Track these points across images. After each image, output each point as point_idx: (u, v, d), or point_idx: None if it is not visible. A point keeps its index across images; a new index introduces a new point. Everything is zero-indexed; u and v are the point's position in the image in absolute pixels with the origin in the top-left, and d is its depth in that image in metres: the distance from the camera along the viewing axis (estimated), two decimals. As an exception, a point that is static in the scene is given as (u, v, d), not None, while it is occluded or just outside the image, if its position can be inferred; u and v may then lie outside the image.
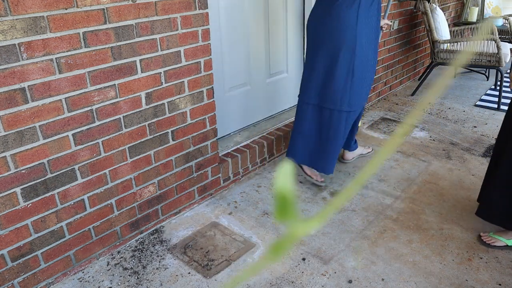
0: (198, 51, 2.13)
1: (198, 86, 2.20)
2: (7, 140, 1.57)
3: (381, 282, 1.85)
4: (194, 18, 2.06)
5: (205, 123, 2.31)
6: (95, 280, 1.90)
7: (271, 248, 0.26)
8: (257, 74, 2.90)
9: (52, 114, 1.67)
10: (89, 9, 1.67)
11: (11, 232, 1.67)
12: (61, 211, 1.81)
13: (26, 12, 1.50)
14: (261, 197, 2.49)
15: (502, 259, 1.96)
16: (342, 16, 2.15)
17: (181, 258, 2.01)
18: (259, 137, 2.83)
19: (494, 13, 4.98)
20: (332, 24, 2.19)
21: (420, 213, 2.30)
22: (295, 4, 3.03)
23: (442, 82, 0.28)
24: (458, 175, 2.67)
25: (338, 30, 2.18)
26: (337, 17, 2.17)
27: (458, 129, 3.33)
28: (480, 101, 3.90)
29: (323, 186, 2.58)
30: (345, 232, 2.17)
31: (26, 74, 1.56)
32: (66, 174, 1.79)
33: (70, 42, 1.65)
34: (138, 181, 2.07)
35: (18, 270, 1.73)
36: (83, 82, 1.74)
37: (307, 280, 1.87)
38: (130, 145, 1.98)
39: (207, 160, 2.39)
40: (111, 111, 1.87)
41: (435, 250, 2.03)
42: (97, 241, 1.99)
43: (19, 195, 1.66)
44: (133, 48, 1.86)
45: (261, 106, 3.01)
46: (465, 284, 1.83)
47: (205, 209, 2.39)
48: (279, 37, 2.98)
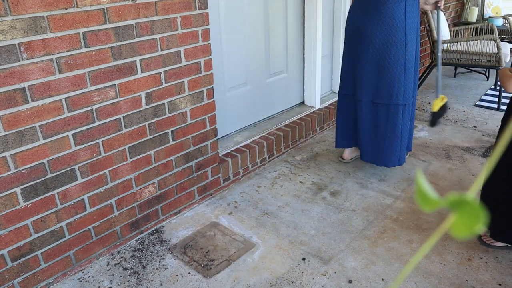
0: (198, 51, 2.13)
1: (198, 86, 2.20)
2: (7, 140, 1.57)
3: (381, 282, 1.85)
4: (194, 18, 2.06)
5: (205, 123, 2.31)
6: (95, 280, 1.90)
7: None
8: (257, 74, 2.90)
9: (52, 114, 1.67)
10: (89, 9, 1.67)
11: (11, 232, 1.67)
12: (61, 211, 1.81)
13: (26, 12, 1.50)
14: (261, 197, 2.49)
15: (502, 259, 1.96)
16: (391, 12, 2.21)
17: (181, 258, 2.01)
18: (259, 137, 2.83)
19: (494, 13, 4.97)
20: (381, 21, 2.24)
21: (420, 213, 2.30)
22: (295, 4, 3.03)
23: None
24: (458, 175, 2.67)
25: (388, 26, 2.24)
26: (386, 13, 2.22)
27: (458, 129, 3.33)
28: (480, 101, 3.90)
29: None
30: (345, 232, 2.17)
31: (26, 74, 1.56)
32: (66, 174, 1.79)
33: (70, 42, 1.65)
34: (138, 181, 2.07)
35: (18, 270, 1.73)
36: (83, 82, 1.74)
37: (307, 280, 1.87)
38: (130, 145, 1.98)
39: (207, 160, 2.39)
40: (111, 111, 1.87)
41: (435, 250, 2.03)
42: (97, 241, 1.99)
43: (19, 195, 1.66)
44: (133, 48, 1.86)
45: (261, 106, 3.01)
46: (465, 284, 1.83)
47: (205, 209, 2.39)
48: (279, 37, 2.98)
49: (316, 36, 3.11)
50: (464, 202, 0.30)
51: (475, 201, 0.29)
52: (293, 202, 2.43)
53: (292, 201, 2.44)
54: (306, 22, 3.11)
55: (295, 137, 3.02)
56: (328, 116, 3.30)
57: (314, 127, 3.18)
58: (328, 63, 3.53)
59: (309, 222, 2.25)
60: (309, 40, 3.14)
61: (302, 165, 2.84)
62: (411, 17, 2.27)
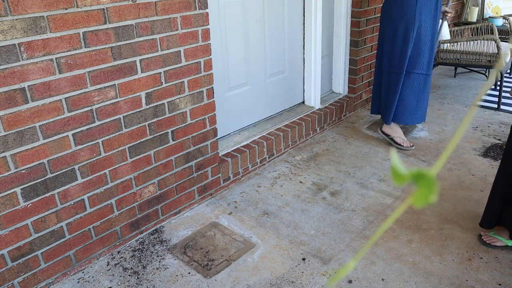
0: (198, 51, 2.13)
1: (198, 86, 2.20)
2: (7, 140, 1.57)
3: (381, 282, 1.85)
4: (194, 18, 2.06)
5: (205, 123, 2.31)
6: (95, 280, 1.90)
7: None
8: (257, 74, 2.90)
9: (52, 114, 1.67)
10: (89, 9, 1.67)
11: (11, 232, 1.67)
12: (61, 211, 1.81)
13: (26, 12, 1.50)
14: (261, 197, 2.49)
15: (502, 259, 1.96)
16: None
17: (181, 258, 2.01)
18: (259, 137, 2.83)
19: (494, 13, 4.97)
20: (396, 5, 2.76)
21: (420, 213, 2.30)
22: (295, 4, 3.03)
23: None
24: (458, 175, 2.67)
25: (399, 9, 2.75)
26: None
27: (458, 129, 3.33)
28: (480, 101, 3.90)
29: (412, 149, 3.02)
30: (345, 232, 2.17)
31: (26, 74, 1.56)
32: (66, 174, 1.79)
33: (70, 42, 1.65)
34: (138, 181, 2.07)
35: (18, 270, 1.73)
36: (83, 82, 1.74)
37: (307, 280, 1.87)
38: (130, 145, 1.98)
39: (207, 160, 2.39)
40: (111, 111, 1.87)
41: (435, 250, 2.03)
42: (97, 241, 1.99)
43: (19, 195, 1.66)
44: (133, 48, 1.86)
45: (261, 106, 3.01)
46: (465, 284, 1.83)
47: (205, 209, 2.39)
48: (279, 37, 2.98)
49: (315, 36, 3.11)
50: (423, 175, 0.33)
51: (432, 175, 0.33)
52: (293, 202, 2.43)
53: (292, 201, 2.44)
54: (306, 22, 3.11)
55: (295, 137, 3.02)
56: (328, 116, 3.30)
57: (314, 127, 3.18)
58: (328, 63, 3.53)
59: (309, 222, 2.25)
60: (309, 40, 3.14)
61: (302, 165, 2.84)
62: (425, 3, 2.73)
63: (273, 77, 3.04)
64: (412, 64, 2.84)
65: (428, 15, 2.74)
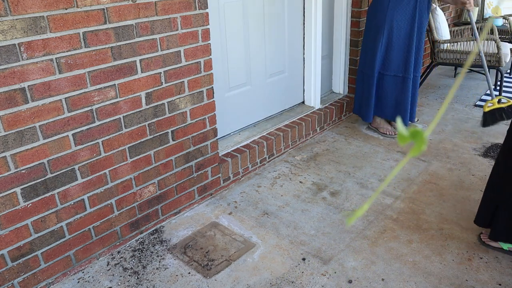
0: (198, 51, 2.13)
1: (198, 86, 2.20)
2: (7, 140, 1.57)
3: (381, 282, 1.85)
4: (194, 18, 2.06)
5: (205, 123, 2.31)
6: (95, 280, 1.90)
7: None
8: (257, 74, 2.90)
9: (52, 114, 1.67)
10: (89, 9, 1.67)
11: (11, 232, 1.67)
12: (61, 211, 1.81)
13: (26, 12, 1.50)
14: (261, 197, 2.49)
15: (502, 259, 1.96)
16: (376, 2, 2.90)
17: (181, 258, 2.01)
18: (259, 137, 2.83)
19: (494, 13, 4.97)
20: (371, 9, 2.95)
21: (420, 213, 2.30)
22: (295, 4, 3.03)
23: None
24: (458, 175, 2.67)
25: (373, 13, 2.92)
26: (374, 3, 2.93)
27: (458, 129, 3.33)
28: (480, 101, 3.90)
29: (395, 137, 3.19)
30: (345, 232, 2.17)
31: (26, 74, 1.56)
32: (66, 174, 1.79)
33: (70, 42, 1.65)
34: (138, 181, 2.07)
35: (18, 270, 1.73)
36: (83, 82, 1.74)
37: (307, 280, 1.87)
38: (130, 145, 1.98)
39: (207, 160, 2.39)
40: (111, 111, 1.87)
41: (435, 250, 2.03)
42: (97, 241, 1.99)
43: (19, 195, 1.66)
44: (133, 48, 1.86)
45: (261, 106, 3.01)
46: (465, 284, 1.83)
47: (205, 209, 2.39)
48: (279, 37, 2.98)
49: (315, 36, 3.11)
50: (417, 132, 0.45)
51: (424, 131, 0.45)
52: (293, 202, 2.43)
53: (292, 201, 2.44)
54: (306, 22, 3.11)
55: (295, 137, 3.02)
56: (328, 116, 3.30)
57: (314, 127, 3.18)
58: (328, 63, 3.53)
59: (309, 222, 2.25)
60: (308, 40, 3.14)
61: (302, 165, 2.84)
62: (399, 8, 2.84)
63: (273, 77, 3.04)
64: (385, 66, 3.00)
65: (402, 19, 2.85)
